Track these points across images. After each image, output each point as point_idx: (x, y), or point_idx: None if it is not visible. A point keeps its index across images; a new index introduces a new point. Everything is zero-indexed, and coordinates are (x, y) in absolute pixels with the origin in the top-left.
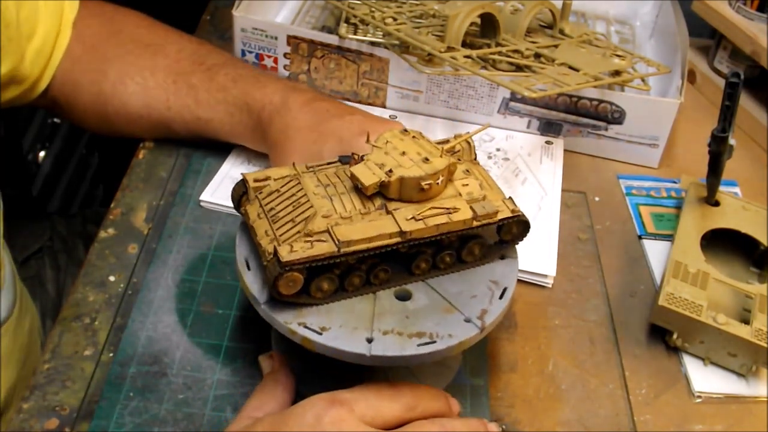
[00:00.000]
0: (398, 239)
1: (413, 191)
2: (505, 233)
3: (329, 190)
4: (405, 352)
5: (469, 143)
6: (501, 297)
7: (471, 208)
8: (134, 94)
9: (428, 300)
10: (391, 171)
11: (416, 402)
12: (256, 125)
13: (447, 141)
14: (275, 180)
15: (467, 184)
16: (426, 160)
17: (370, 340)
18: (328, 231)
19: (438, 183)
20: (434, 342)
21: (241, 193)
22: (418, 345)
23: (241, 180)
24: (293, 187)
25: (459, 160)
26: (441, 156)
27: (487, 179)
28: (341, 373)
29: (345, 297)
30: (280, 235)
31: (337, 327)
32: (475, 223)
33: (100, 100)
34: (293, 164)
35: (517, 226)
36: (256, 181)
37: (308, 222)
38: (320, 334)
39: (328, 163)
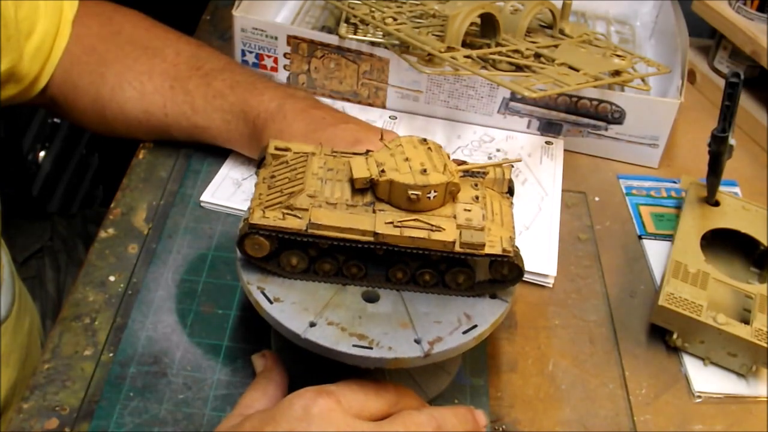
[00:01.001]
0: (370, 239)
1: (401, 198)
2: (494, 271)
3: (329, 174)
4: (336, 347)
5: (504, 175)
6: (465, 332)
7: (460, 233)
8: (131, 99)
9: (391, 309)
10: (383, 171)
11: (398, 399)
12: (251, 133)
13: (483, 167)
14: (294, 153)
15: (470, 210)
16: (424, 171)
17: (312, 325)
18: (308, 209)
19: (429, 197)
20: (370, 348)
21: (263, 156)
22: (353, 345)
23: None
24: (300, 162)
25: (476, 186)
26: (442, 173)
27: (503, 215)
28: (339, 374)
29: (314, 279)
30: (266, 201)
31: (289, 302)
32: (457, 249)
33: (99, 104)
34: (320, 144)
35: (509, 269)
36: (276, 149)
37: (292, 196)
38: (271, 303)
39: (355, 153)
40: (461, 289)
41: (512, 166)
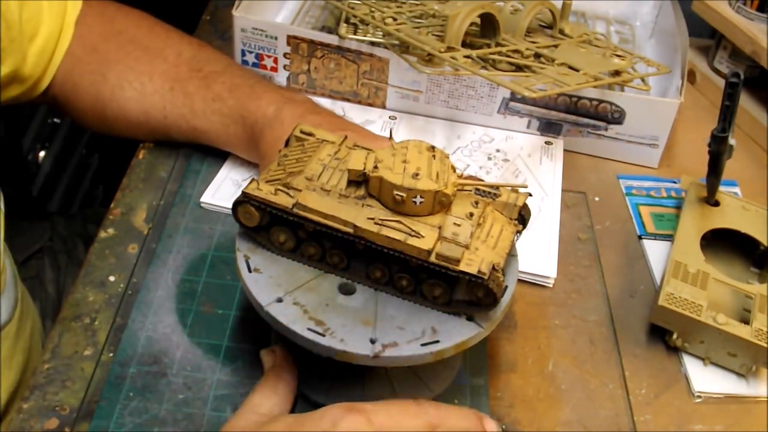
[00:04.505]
0: (350, 230)
1: (388, 197)
2: (470, 292)
3: (333, 163)
4: (291, 326)
5: (516, 201)
6: (424, 345)
7: (440, 244)
8: (132, 99)
9: (361, 305)
10: (376, 168)
11: (440, 420)
12: (249, 137)
13: (496, 187)
14: (315, 138)
15: (459, 225)
16: (416, 175)
17: (279, 300)
18: (301, 191)
19: (415, 201)
20: (323, 335)
21: (288, 138)
22: (308, 329)
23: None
24: (313, 147)
25: (476, 203)
26: (435, 181)
27: (501, 239)
28: (343, 373)
29: (299, 261)
30: (269, 176)
31: (267, 276)
32: (432, 260)
33: (99, 104)
34: (345, 136)
35: (484, 292)
36: (301, 132)
37: (291, 176)
38: (250, 272)
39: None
40: (437, 303)
41: (529, 194)
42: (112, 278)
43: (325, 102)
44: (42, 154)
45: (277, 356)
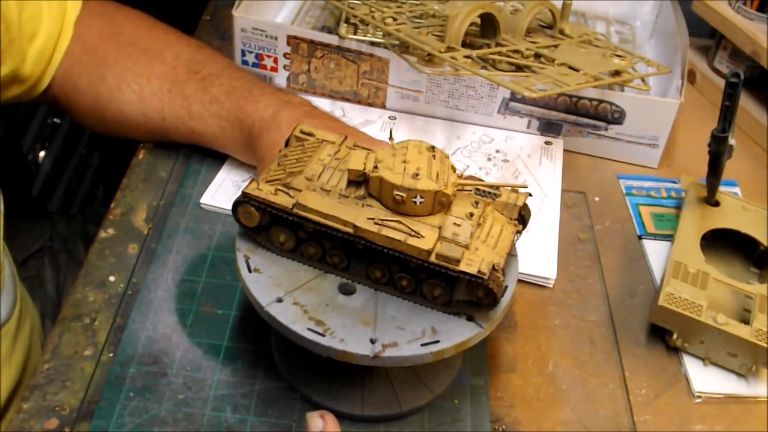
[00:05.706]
0: (350, 230)
1: (388, 197)
2: (470, 292)
3: (333, 163)
4: (291, 326)
5: (516, 201)
6: (424, 345)
7: (440, 244)
8: (130, 102)
9: (361, 306)
10: (377, 168)
11: None
12: (247, 140)
13: (496, 187)
14: (315, 139)
15: (459, 225)
16: (416, 175)
17: (279, 300)
18: (302, 191)
19: (415, 201)
20: (323, 336)
21: (289, 138)
22: (308, 329)
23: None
24: (313, 147)
25: (476, 203)
26: (435, 181)
27: (501, 239)
28: (343, 373)
29: (299, 261)
30: (270, 176)
31: (266, 276)
32: (432, 260)
33: (98, 105)
34: (345, 136)
35: (484, 292)
36: (302, 132)
37: (291, 176)
38: (250, 271)
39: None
40: (437, 303)
41: (529, 194)
42: (112, 278)
43: (325, 102)
44: (42, 154)
45: (327, 423)
